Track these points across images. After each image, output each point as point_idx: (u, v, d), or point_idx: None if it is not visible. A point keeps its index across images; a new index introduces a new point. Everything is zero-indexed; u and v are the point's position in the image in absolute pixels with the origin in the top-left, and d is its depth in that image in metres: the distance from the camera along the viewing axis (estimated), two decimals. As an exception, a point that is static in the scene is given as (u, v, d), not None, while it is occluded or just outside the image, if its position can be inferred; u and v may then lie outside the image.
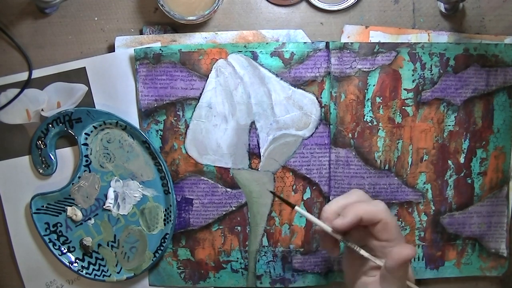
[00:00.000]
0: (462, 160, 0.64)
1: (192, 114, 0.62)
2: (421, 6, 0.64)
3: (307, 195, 0.63)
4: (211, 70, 0.61)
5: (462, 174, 0.64)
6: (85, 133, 0.62)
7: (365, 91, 0.62)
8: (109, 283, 0.64)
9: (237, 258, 0.64)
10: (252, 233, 0.64)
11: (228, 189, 0.63)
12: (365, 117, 0.63)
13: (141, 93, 0.62)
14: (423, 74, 0.63)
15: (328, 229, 0.48)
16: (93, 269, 0.63)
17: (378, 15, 0.64)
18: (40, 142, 0.62)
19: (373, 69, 0.62)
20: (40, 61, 0.63)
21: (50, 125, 0.62)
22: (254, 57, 0.62)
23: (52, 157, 0.63)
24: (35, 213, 0.62)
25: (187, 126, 0.62)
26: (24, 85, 0.62)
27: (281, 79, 0.62)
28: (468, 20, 0.64)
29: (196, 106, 0.62)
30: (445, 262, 0.65)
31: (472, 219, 0.65)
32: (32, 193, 0.62)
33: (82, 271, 0.62)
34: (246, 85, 0.62)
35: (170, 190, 0.62)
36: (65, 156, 0.64)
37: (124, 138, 0.62)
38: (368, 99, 0.62)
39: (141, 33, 0.64)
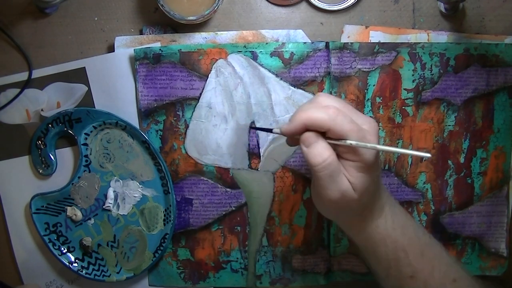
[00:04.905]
0: (462, 160, 0.64)
1: (192, 114, 0.62)
2: (421, 6, 0.64)
3: (306, 195, 0.63)
4: (211, 70, 0.61)
5: (462, 174, 0.64)
6: (85, 133, 0.62)
7: (365, 91, 0.62)
8: (109, 283, 0.64)
9: (237, 258, 0.64)
10: (252, 233, 0.64)
11: (228, 189, 0.63)
12: (365, 117, 0.63)
13: (140, 93, 0.62)
14: (423, 74, 0.62)
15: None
16: (93, 269, 0.63)
17: (378, 15, 0.64)
18: (40, 142, 0.62)
19: (373, 69, 0.62)
20: (40, 61, 0.63)
21: (50, 125, 0.62)
22: (254, 57, 0.61)
23: (52, 157, 0.63)
24: (35, 213, 0.62)
25: (186, 126, 0.62)
26: (24, 85, 0.62)
27: (281, 79, 0.62)
28: (468, 20, 0.64)
29: (195, 106, 0.62)
30: (445, 262, 0.65)
31: (472, 219, 0.65)
32: (32, 193, 0.62)
33: (81, 271, 0.62)
34: (245, 85, 0.62)
35: (169, 190, 0.62)
36: (65, 156, 0.64)
37: (124, 138, 0.62)
38: (368, 99, 0.62)
39: (141, 33, 0.63)
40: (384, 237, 0.49)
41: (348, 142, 0.42)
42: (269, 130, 0.50)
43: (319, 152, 0.43)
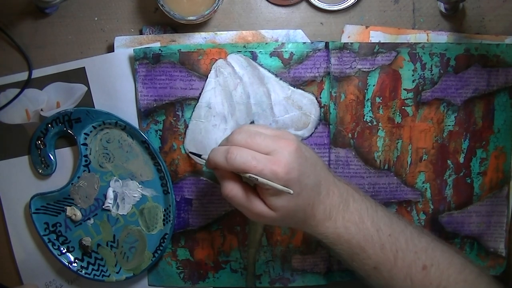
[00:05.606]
0: (461, 160, 0.64)
1: (192, 114, 0.62)
2: (421, 6, 0.64)
3: (306, 195, 0.63)
4: (210, 70, 0.61)
5: (462, 174, 0.64)
6: (85, 133, 0.62)
7: (365, 91, 0.62)
8: (108, 283, 0.64)
9: (236, 258, 0.64)
10: (251, 233, 0.64)
11: (228, 189, 0.63)
12: (365, 117, 0.63)
13: (140, 93, 0.62)
14: (423, 74, 0.62)
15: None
16: (92, 269, 0.63)
17: (378, 15, 0.64)
18: (39, 142, 0.62)
19: (373, 69, 0.62)
20: (40, 61, 0.63)
21: (49, 125, 0.62)
22: (254, 57, 0.61)
23: (52, 157, 0.63)
24: (34, 213, 0.62)
25: (186, 126, 0.62)
26: (24, 85, 0.63)
27: (281, 79, 0.62)
28: (468, 20, 0.64)
29: (195, 106, 0.62)
30: (444, 261, 0.65)
31: (471, 218, 0.65)
32: (32, 193, 0.62)
33: (81, 271, 0.63)
34: (245, 85, 0.62)
35: (169, 190, 0.62)
36: (64, 156, 0.64)
37: (123, 138, 0.62)
38: (368, 99, 0.62)
39: (141, 33, 0.63)
40: (337, 237, 0.51)
41: (247, 175, 0.47)
42: (199, 156, 0.57)
43: (224, 187, 0.50)
